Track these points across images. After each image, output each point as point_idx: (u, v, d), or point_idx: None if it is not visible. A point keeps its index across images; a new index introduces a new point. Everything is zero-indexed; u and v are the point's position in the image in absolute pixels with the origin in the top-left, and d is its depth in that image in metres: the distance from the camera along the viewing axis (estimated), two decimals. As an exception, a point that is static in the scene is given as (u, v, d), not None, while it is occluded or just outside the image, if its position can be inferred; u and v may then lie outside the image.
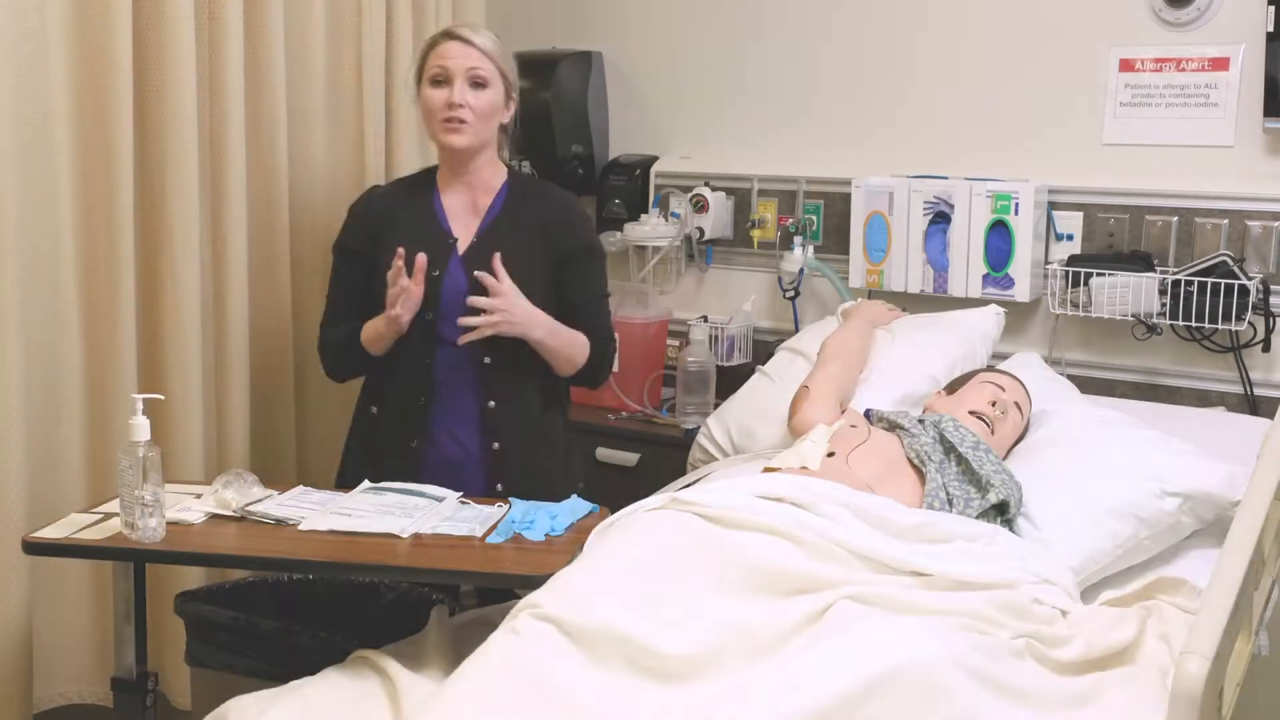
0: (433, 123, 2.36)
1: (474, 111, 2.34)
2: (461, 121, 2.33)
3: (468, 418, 2.39)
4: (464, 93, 2.32)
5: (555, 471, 2.45)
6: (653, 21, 3.52)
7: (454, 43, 2.35)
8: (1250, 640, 1.81)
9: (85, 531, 2.02)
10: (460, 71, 2.33)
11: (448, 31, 2.39)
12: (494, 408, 2.38)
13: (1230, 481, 2.17)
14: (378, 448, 2.44)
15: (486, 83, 2.35)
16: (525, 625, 1.64)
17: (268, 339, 2.77)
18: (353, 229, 2.46)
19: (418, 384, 2.38)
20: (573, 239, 2.45)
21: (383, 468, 2.35)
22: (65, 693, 2.49)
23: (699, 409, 3.10)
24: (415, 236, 2.36)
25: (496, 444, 2.38)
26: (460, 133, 2.34)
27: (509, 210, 2.43)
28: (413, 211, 2.43)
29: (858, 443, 2.21)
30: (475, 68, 2.33)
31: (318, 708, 1.75)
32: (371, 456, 2.44)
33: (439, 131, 2.36)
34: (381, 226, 2.41)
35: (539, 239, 2.40)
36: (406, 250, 2.27)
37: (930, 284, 3.04)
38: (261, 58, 2.68)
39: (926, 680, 1.52)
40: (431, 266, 2.32)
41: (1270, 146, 2.76)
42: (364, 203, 2.51)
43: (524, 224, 2.41)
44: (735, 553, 1.77)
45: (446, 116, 2.33)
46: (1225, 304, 2.68)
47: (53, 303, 2.37)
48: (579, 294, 2.44)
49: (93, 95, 2.39)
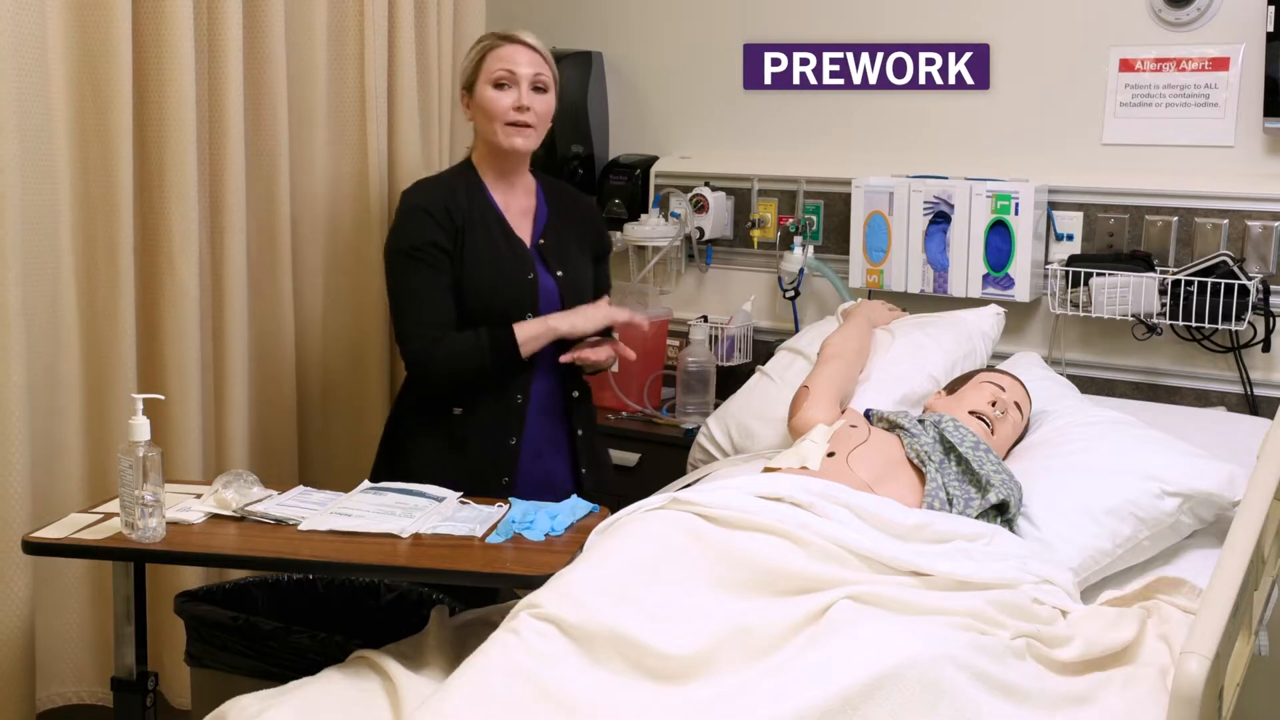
0: (494, 124, 2.40)
1: (537, 115, 2.41)
2: (528, 125, 2.40)
3: (557, 411, 2.51)
4: (530, 97, 2.39)
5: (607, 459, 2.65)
6: (653, 21, 3.52)
7: (518, 47, 2.41)
8: (1250, 640, 1.82)
9: (85, 531, 2.02)
10: (525, 76, 2.39)
11: (508, 35, 2.43)
12: (578, 398, 2.53)
13: (1230, 481, 2.17)
14: (467, 448, 2.42)
15: (547, 87, 2.44)
16: (525, 625, 1.64)
17: (268, 339, 2.78)
18: (435, 225, 2.39)
19: (516, 383, 2.43)
20: (602, 238, 2.64)
21: (473, 470, 2.37)
22: (65, 693, 2.49)
23: (699, 409, 3.10)
24: (495, 237, 2.43)
25: (580, 431, 2.53)
26: (526, 136, 2.41)
27: (554, 212, 2.54)
28: (480, 211, 2.45)
29: (858, 443, 2.21)
30: (538, 73, 2.42)
31: (318, 708, 1.75)
32: (460, 457, 2.41)
33: (502, 134, 2.40)
34: (462, 224, 2.41)
35: (581, 238, 2.55)
36: (488, 251, 2.38)
37: (930, 284, 3.04)
38: (262, 58, 2.68)
39: (926, 680, 1.52)
40: (525, 269, 2.43)
41: (1270, 146, 2.76)
42: (435, 198, 2.43)
43: (568, 224, 2.54)
44: (735, 553, 1.77)
45: (513, 120, 2.38)
46: (1225, 304, 2.68)
47: (52, 303, 2.37)
48: (601, 290, 2.61)
49: (92, 96, 2.39)
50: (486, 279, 2.39)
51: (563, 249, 2.50)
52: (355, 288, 2.94)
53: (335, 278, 2.92)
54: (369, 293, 2.92)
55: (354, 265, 2.93)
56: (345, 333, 2.95)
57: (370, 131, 2.90)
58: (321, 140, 2.84)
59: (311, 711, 1.73)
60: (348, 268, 2.93)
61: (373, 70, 2.88)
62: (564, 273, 2.48)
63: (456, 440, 2.43)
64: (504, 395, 2.43)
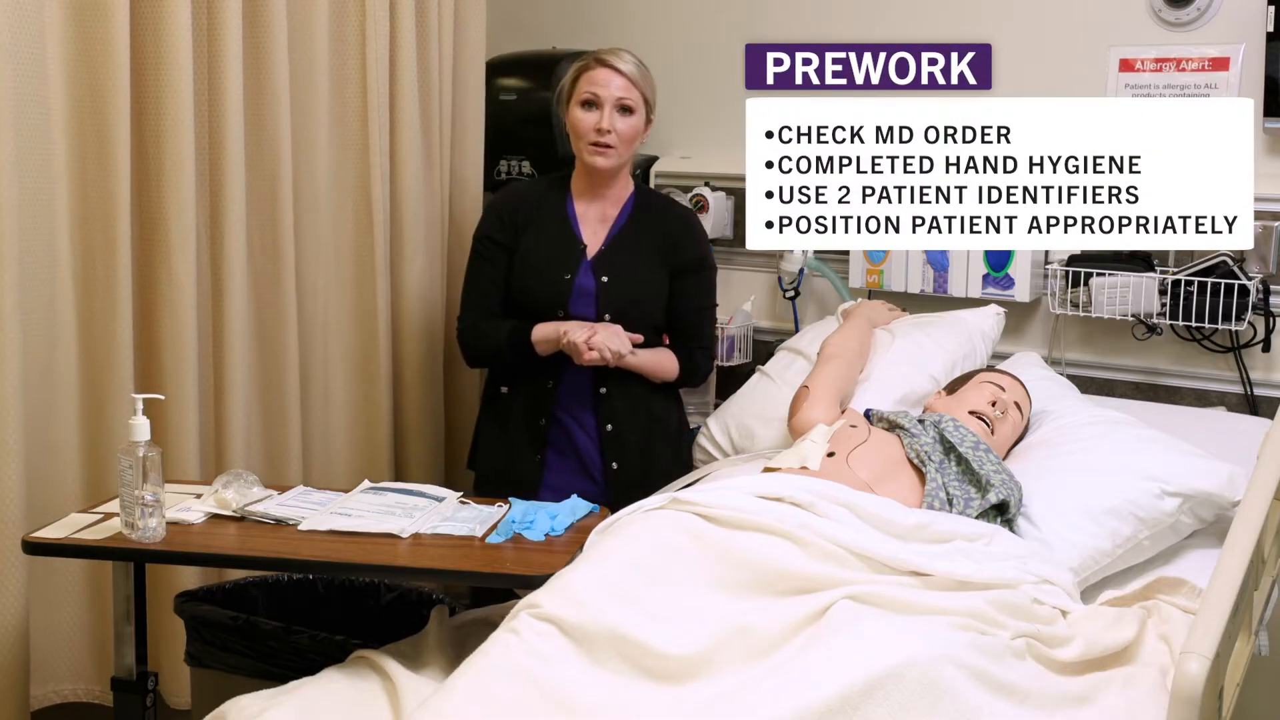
0: (580, 143, 2.55)
1: (620, 136, 2.53)
2: (608, 146, 2.52)
3: (585, 401, 2.58)
4: (612, 119, 2.51)
5: (666, 453, 2.65)
6: (654, 21, 3.52)
7: (606, 70, 2.52)
8: (1250, 640, 1.82)
9: (85, 531, 2.02)
10: (610, 99, 2.51)
11: (600, 58, 2.54)
12: (605, 393, 2.56)
13: (1230, 481, 2.17)
14: (509, 424, 2.63)
15: (633, 109, 2.54)
16: (525, 625, 1.64)
17: (269, 339, 2.77)
18: (497, 222, 2.64)
19: (546, 370, 2.57)
20: (688, 252, 2.65)
21: (516, 445, 2.60)
22: (63, 690, 2.49)
23: (699, 409, 3.10)
24: (551, 239, 2.60)
25: (610, 425, 2.57)
26: (606, 156, 2.53)
27: (634, 222, 2.63)
28: (549, 214, 2.63)
29: (858, 443, 2.21)
30: (624, 97, 2.52)
31: (318, 708, 1.75)
32: (504, 432, 2.64)
33: (586, 153, 2.55)
34: (522, 223, 2.62)
35: (658, 250, 2.61)
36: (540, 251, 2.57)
37: (930, 284, 3.04)
38: (263, 56, 2.67)
39: (926, 680, 1.52)
40: (565, 270, 2.55)
41: (1270, 146, 2.76)
42: (508, 198, 2.72)
43: (646, 235, 2.62)
44: (735, 552, 1.77)
45: (595, 140, 2.52)
46: (1225, 304, 2.69)
47: (50, 303, 2.37)
48: (689, 303, 2.65)
49: (90, 95, 2.38)
50: (527, 274, 2.58)
51: (624, 257, 2.57)
52: (357, 287, 2.93)
53: (337, 278, 2.92)
54: (371, 293, 2.92)
55: (355, 265, 2.93)
56: (347, 333, 2.95)
57: (372, 130, 2.89)
58: (323, 140, 2.84)
59: (311, 711, 1.73)
60: (349, 267, 2.93)
61: (374, 69, 2.88)
62: (610, 279, 2.55)
63: (500, 416, 2.65)
64: (536, 379, 2.59)
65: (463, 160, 3.19)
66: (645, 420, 2.61)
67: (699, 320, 2.68)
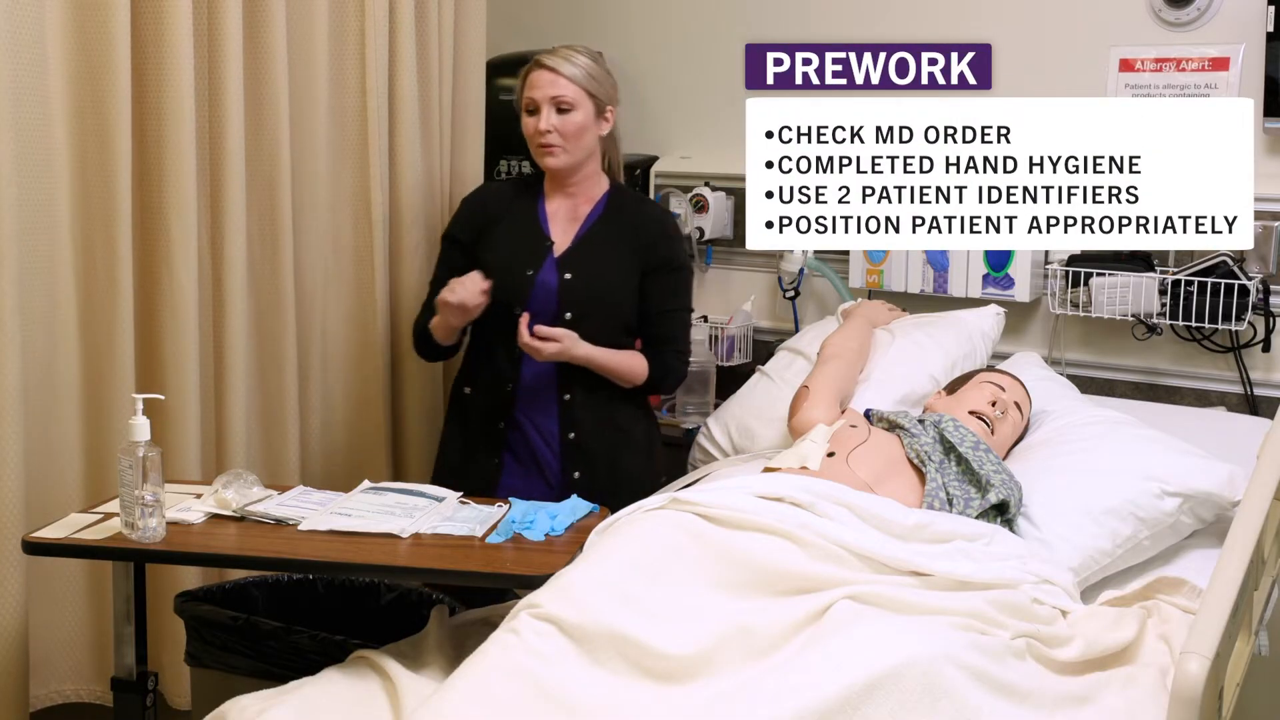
0: (531, 147, 2.56)
1: (562, 134, 2.50)
2: (553, 145, 2.51)
3: (547, 408, 2.55)
4: (550, 119, 2.49)
5: (635, 464, 2.58)
6: (654, 21, 3.52)
7: (540, 72, 2.52)
8: (1250, 640, 1.82)
9: (85, 531, 2.02)
10: (545, 100, 2.50)
11: (538, 60, 2.54)
12: (569, 400, 2.53)
13: (1230, 481, 2.17)
14: (469, 426, 2.62)
15: (572, 106, 2.50)
16: (525, 625, 1.64)
17: (269, 339, 2.77)
18: (463, 220, 2.67)
19: (506, 372, 2.56)
20: (661, 252, 2.59)
21: (474, 446, 2.59)
22: (63, 690, 2.48)
23: (699, 409, 3.10)
24: (518, 235, 2.58)
25: (572, 434, 2.53)
26: (554, 155, 2.52)
27: (605, 220, 2.59)
28: (518, 212, 2.62)
29: (858, 443, 2.21)
30: (558, 95, 2.50)
31: (318, 708, 1.75)
32: (464, 432, 2.63)
33: (536, 155, 2.56)
34: (488, 222, 2.62)
35: (629, 249, 2.56)
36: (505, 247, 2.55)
37: (930, 284, 3.04)
38: (263, 56, 2.67)
39: (926, 680, 1.52)
40: (527, 266, 2.53)
41: (1270, 146, 2.76)
42: (479, 195, 2.74)
43: (617, 234, 2.58)
44: (735, 552, 1.77)
45: (540, 143, 2.52)
46: (1225, 304, 2.69)
47: (50, 303, 2.37)
48: (658, 304, 2.59)
49: (90, 95, 2.38)
50: (490, 269, 2.53)
51: (591, 255, 2.54)
52: (357, 288, 2.93)
53: (336, 277, 2.92)
54: (370, 293, 2.92)
55: (355, 265, 2.93)
56: (346, 333, 2.95)
57: (371, 130, 2.89)
58: (323, 140, 2.84)
59: (311, 711, 1.73)
60: (349, 268, 2.93)
61: (374, 69, 2.88)
62: (573, 275, 2.52)
63: (462, 417, 2.64)
64: (497, 381, 2.57)
65: (463, 160, 3.19)
66: (610, 430, 2.55)
67: (671, 322, 2.61)
